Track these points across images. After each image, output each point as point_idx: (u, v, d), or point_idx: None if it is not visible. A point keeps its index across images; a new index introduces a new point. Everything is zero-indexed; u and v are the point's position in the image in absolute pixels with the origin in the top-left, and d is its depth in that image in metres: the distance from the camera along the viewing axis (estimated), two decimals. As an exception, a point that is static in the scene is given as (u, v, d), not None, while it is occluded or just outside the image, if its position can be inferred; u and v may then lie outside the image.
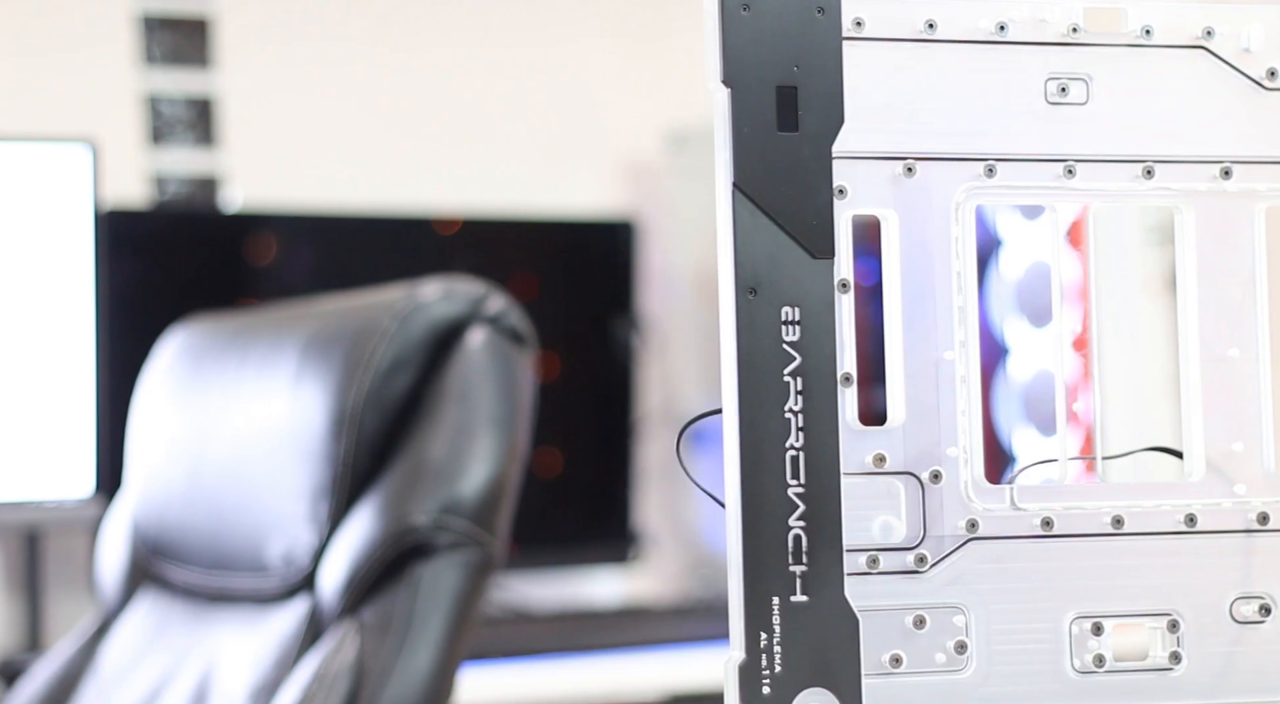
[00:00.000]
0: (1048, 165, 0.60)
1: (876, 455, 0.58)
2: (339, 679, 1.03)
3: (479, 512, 1.06)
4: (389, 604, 1.05)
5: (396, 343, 1.10)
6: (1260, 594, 0.61)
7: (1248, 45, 0.62)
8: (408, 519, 1.06)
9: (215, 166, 2.36)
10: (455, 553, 1.05)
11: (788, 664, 0.56)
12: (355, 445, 1.09)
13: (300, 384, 1.14)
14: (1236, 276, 0.62)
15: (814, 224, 0.57)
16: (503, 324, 1.12)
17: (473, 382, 1.09)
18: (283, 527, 1.13)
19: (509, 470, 1.08)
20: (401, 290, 1.14)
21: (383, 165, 2.38)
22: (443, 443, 1.08)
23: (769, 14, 0.57)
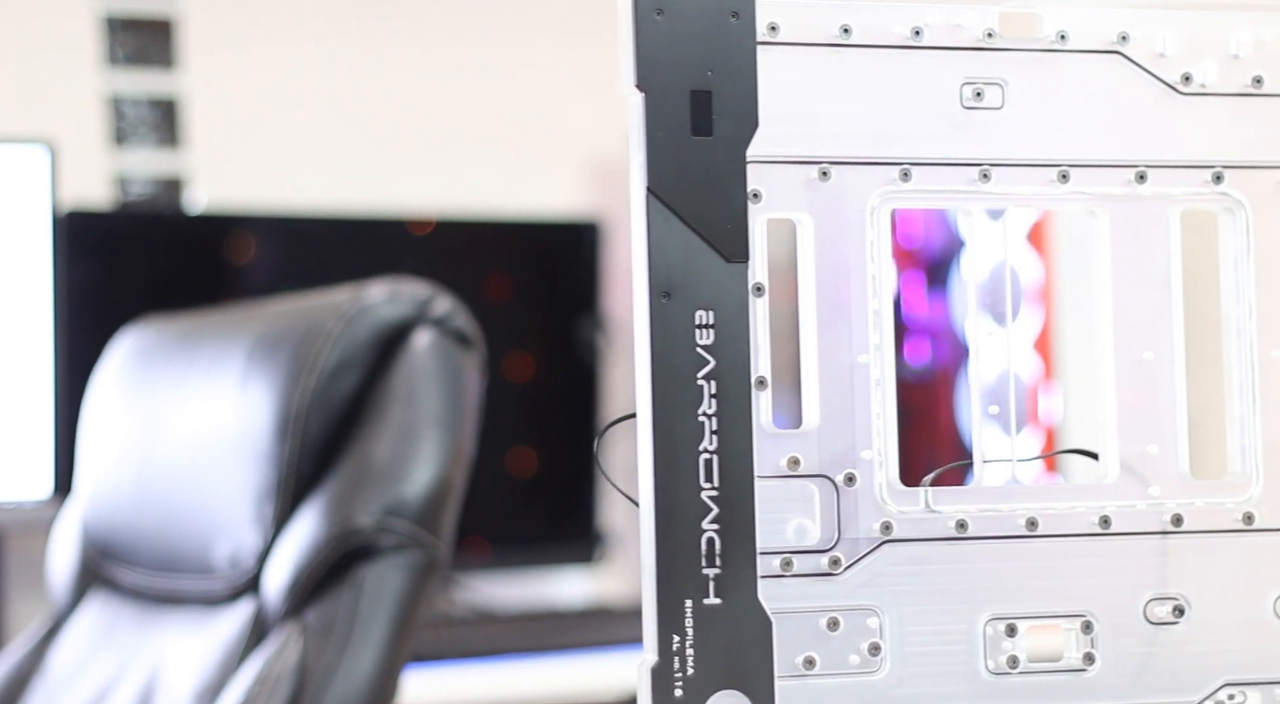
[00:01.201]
0: (963, 169, 0.60)
1: (791, 458, 0.58)
2: (281, 681, 1.03)
3: (423, 513, 1.06)
4: (332, 606, 1.05)
5: (341, 345, 1.10)
6: (1174, 595, 0.61)
7: (1162, 50, 0.62)
8: (351, 521, 1.06)
9: (179, 167, 2.35)
10: (399, 555, 1.05)
11: (700, 667, 0.56)
12: (300, 447, 1.09)
13: (246, 386, 1.14)
14: (1151, 280, 0.62)
15: (728, 228, 0.57)
16: (448, 326, 1.12)
17: (418, 383, 1.09)
18: (228, 529, 1.13)
19: (454, 472, 1.08)
20: (347, 292, 1.14)
21: (352, 166, 2.38)
22: (387, 445, 1.08)
23: (683, 18, 0.57)
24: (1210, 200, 0.63)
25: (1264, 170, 0.63)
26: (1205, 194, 0.62)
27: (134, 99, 2.36)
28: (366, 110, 2.37)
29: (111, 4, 2.32)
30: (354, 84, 2.38)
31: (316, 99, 2.37)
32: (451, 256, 2.30)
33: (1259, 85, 0.63)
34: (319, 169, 2.37)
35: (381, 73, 2.38)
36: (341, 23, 2.40)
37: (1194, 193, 0.62)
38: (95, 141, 2.27)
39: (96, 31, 2.31)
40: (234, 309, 1.27)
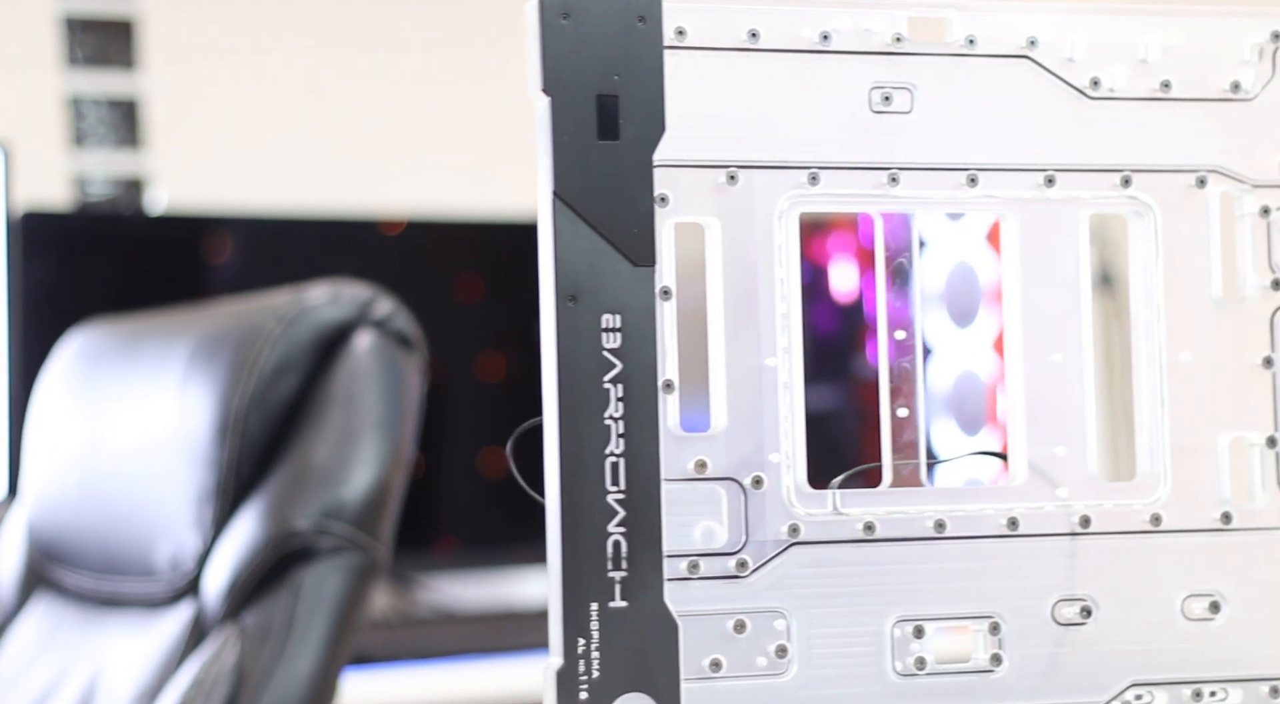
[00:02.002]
0: (871, 173, 0.61)
1: (698, 461, 0.58)
2: (218, 684, 1.03)
3: (362, 516, 1.06)
4: (270, 609, 1.05)
5: (281, 347, 1.10)
6: (1082, 596, 0.62)
7: (1071, 54, 0.62)
8: (289, 523, 1.05)
9: (140, 168, 2.35)
10: (337, 557, 1.05)
11: (606, 669, 0.56)
12: (239, 449, 1.09)
13: (187, 388, 1.13)
14: (1060, 282, 0.62)
15: (635, 232, 0.57)
16: (390, 328, 1.12)
17: (358, 385, 1.09)
18: (169, 531, 1.13)
19: (394, 474, 1.08)
20: (288, 294, 1.14)
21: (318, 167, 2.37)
22: (327, 447, 1.08)
23: (589, 22, 0.57)
24: (1119, 204, 0.63)
25: (1172, 174, 0.63)
26: (1114, 197, 0.63)
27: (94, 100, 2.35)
28: (332, 111, 2.37)
29: (71, 4, 2.31)
30: (319, 84, 2.38)
31: (280, 100, 2.37)
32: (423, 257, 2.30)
33: (1167, 89, 0.63)
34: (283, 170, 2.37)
35: (349, 73, 2.37)
36: (305, 23, 2.40)
37: (1102, 196, 0.63)
38: (54, 142, 2.27)
39: (56, 32, 2.30)
40: (178, 310, 1.26)
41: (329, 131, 2.37)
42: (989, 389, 2.67)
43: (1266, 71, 0.64)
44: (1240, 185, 0.64)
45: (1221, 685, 0.62)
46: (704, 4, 0.59)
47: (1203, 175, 0.63)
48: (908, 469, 0.61)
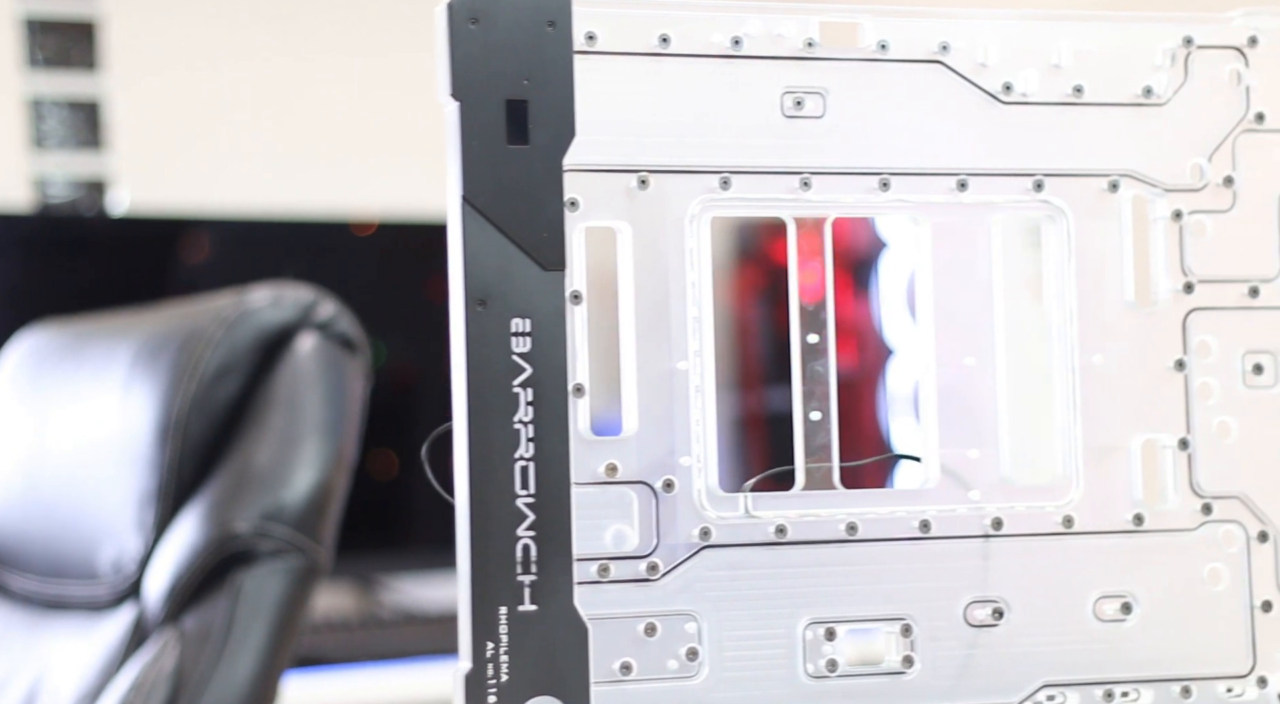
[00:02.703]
0: (784, 177, 0.61)
1: (609, 465, 0.59)
2: (156, 687, 1.02)
3: (303, 518, 1.06)
4: (210, 612, 1.04)
5: (223, 349, 1.10)
6: (994, 598, 0.62)
7: (984, 59, 0.63)
8: (230, 526, 1.05)
9: (102, 170, 2.34)
10: (278, 560, 1.05)
11: (515, 673, 0.56)
12: (180, 452, 1.09)
13: (129, 390, 1.13)
14: (973, 286, 0.63)
15: (545, 236, 0.58)
16: (332, 330, 1.12)
17: (300, 388, 1.09)
18: (112, 534, 1.12)
19: (336, 477, 1.08)
20: (231, 297, 1.13)
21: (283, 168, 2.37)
22: (268, 450, 1.08)
23: (498, 28, 0.57)
24: (1031, 208, 0.63)
25: (1084, 178, 0.64)
26: (1026, 201, 0.63)
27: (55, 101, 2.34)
28: (299, 112, 2.37)
29: (32, 6, 2.30)
30: (284, 85, 2.37)
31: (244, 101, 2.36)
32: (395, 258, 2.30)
33: (1079, 94, 0.63)
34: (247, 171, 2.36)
35: (316, 74, 2.37)
36: (269, 23, 2.39)
37: (1015, 200, 0.63)
38: (15, 144, 2.26)
39: (17, 34, 2.29)
40: (125, 312, 1.26)
41: (295, 133, 2.37)
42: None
43: (1179, 77, 0.64)
44: (1153, 189, 0.64)
45: (1133, 686, 0.63)
46: (615, 9, 0.59)
47: (1115, 180, 0.64)
48: (820, 472, 0.61)
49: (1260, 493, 0.64)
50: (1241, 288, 0.65)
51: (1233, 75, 0.65)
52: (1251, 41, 0.65)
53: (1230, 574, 0.64)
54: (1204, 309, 0.64)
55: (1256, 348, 0.65)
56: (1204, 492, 0.64)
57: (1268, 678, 0.64)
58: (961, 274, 0.63)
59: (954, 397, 0.62)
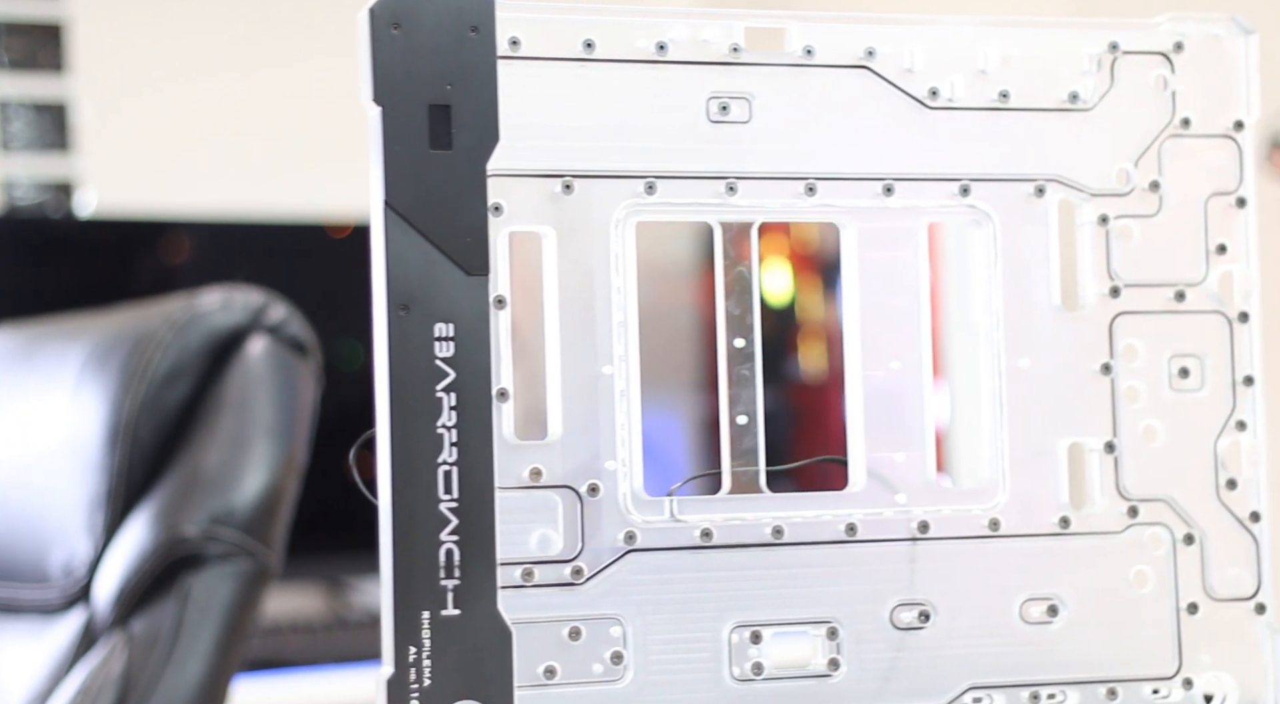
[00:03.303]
0: (709, 182, 0.61)
1: (533, 469, 0.59)
2: (104, 692, 1.02)
3: (252, 522, 1.06)
4: (158, 616, 1.04)
5: (173, 353, 1.10)
6: (920, 601, 0.62)
7: (910, 65, 0.63)
8: (178, 529, 1.05)
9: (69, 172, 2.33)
10: (226, 564, 1.05)
11: (437, 678, 0.56)
12: (130, 456, 1.09)
13: (79, 393, 1.13)
14: (899, 290, 0.63)
15: (468, 241, 0.58)
16: (283, 333, 1.11)
17: (250, 391, 1.09)
18: (62, 537, 1.12)
19: (286, 481, 1.08)
20: (181, 300, 1.13)
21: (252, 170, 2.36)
22: (217, 453, 1.07)
23: (421, 33, 0.57)
24: (958, 212, 0.64)
25: (1011, 183, 0.64)
26: (953, 206, 0.64)
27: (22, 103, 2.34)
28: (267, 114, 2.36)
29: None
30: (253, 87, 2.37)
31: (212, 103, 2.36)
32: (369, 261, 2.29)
33: (1006, 99, 0.64)
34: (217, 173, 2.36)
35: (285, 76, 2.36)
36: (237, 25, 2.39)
37: (941, 205, 0.63)
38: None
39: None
40: (78, 315, 1.26)
41: (265, 135, 2.36)
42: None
43: (1105, 82, 0.65)
44: (1079, 194, 0.65)
45: (1060, 688, 0.63)
46: (538, 14, 0.59)
47: (1041, 184, 0.64)
48: (747, 476, 0.61)
49: (1186, 496, 0.65)
50: (1168, 292, 0.65)
51: (1159, 81, 0.65)
52: (1177, 47, 0.65)
53: (1156, 576, 0.64)
54: (1130, 313, 0.65)
55: (1183, 352, 0.65)
56: (1130, 494, 0.64)
57: (1193, 679, 0.64)
58: (889, 278, 0.63)
59: (881, 400, 0.63)
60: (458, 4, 0.58)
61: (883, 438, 0.62)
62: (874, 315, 0.63)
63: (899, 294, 0.63)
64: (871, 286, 0.63)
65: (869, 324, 0.63)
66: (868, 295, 0.63)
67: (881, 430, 0.62)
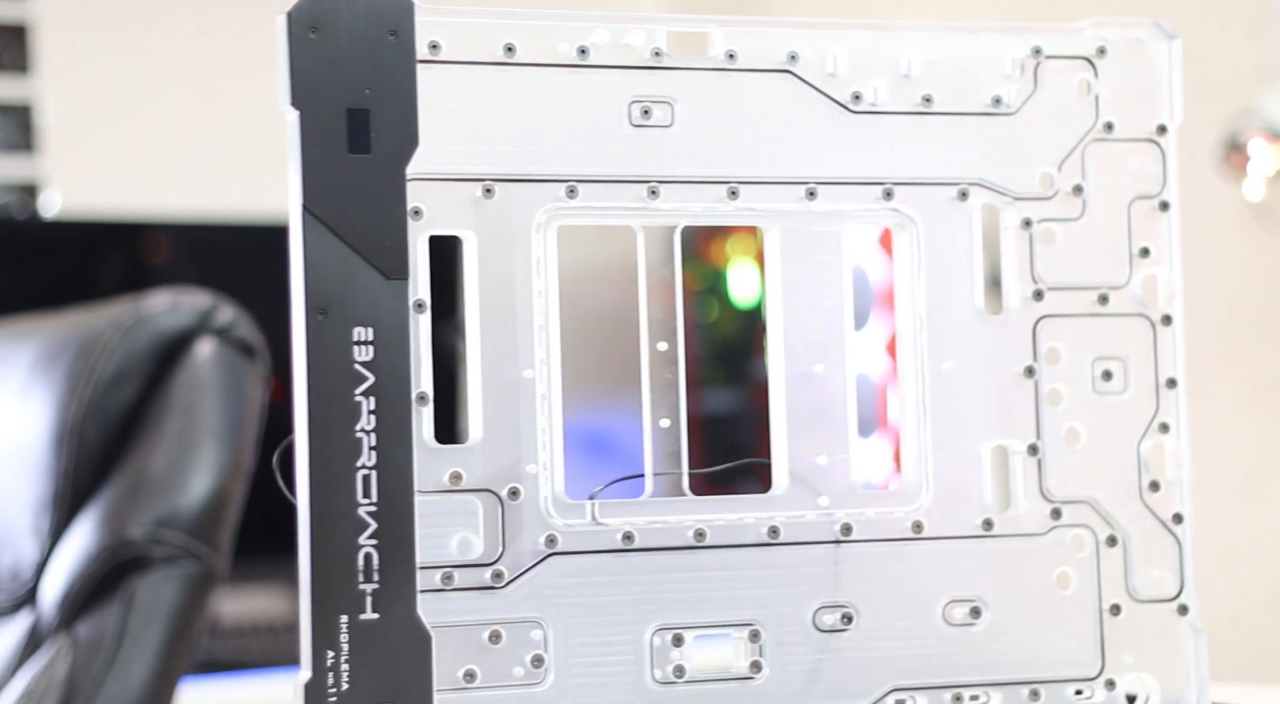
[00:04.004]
0: (631, 186, 0.61)
1: (453, 473, 0.59)
2: (48, 695, 1.02)
3: (198, 525, 1.05)
4: (103, 618, 1.04)
5: (119, 355, 1.10)
6: (843, 603, 0.62)
7: (833, 69, 0.63)
8: (123, 532, 1.05)
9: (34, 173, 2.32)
10: (172, 566, 1.05)
11: (355, 682, 0.57)
12: (76, 458, 1.08)
13: (26, 396, 1.13)
14: (822, 294, 0.63)
15: (387, 245, 0.58)
16: (231, 336, 1.11)
17: (197, 394, 1.09)
18: (9, 541, 1.12)
19: (232, 484, 1.08)
20: (129, 302, 1.13)
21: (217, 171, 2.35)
22: (164, 456, 1.07)
23: (339, 37, 0.57)
24: (881, 216, 0.64)
25: (933, 186, 0.64)
26: (876, 210, 0.64)
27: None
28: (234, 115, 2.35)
29: (-38, 8, 2.29)
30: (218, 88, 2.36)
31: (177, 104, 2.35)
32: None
33: (929, 104, 0.64)
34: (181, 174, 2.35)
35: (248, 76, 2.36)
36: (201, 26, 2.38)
37: (865, 209, 0.64)
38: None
39: (-54, 36, 2.28)
40: (26, 317, 1.25)
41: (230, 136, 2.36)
42: (880, 391, 2.68)
43: (1028, 86, 0.65)
44: (1002, 198, 0.65)
45: (982, 689, 0.63)
46: (458, 19, 0.59)
47: (965, 188, 0.64)
48: (670, 479, 0.62)
49: (1109, 497, 0.65)
50: (1091, 295, 0.65)
51: (1082, 85, 0.66)
52: (1100, 52, 0.66)
53: (1079, 578, 0.65)
54: (1054, 316, 0.65)
55: (1106, 354, 0.65)
56: (1053, 497, 0.65)
57: (1116, 680, 0.65)
58: (812, 281, 0.63)
59: (804, 403, 0.63)
60: (376, 8, 0.58)
61: (807, 441, 0.63)
62: (798, 319, 0.63)
63: (823, 297, 0.63)
64: (795, 290, 0.63)
65: (793, 327, 0.63)
66: (791, 299, 0.63)
67: (805, 434, 0.63)
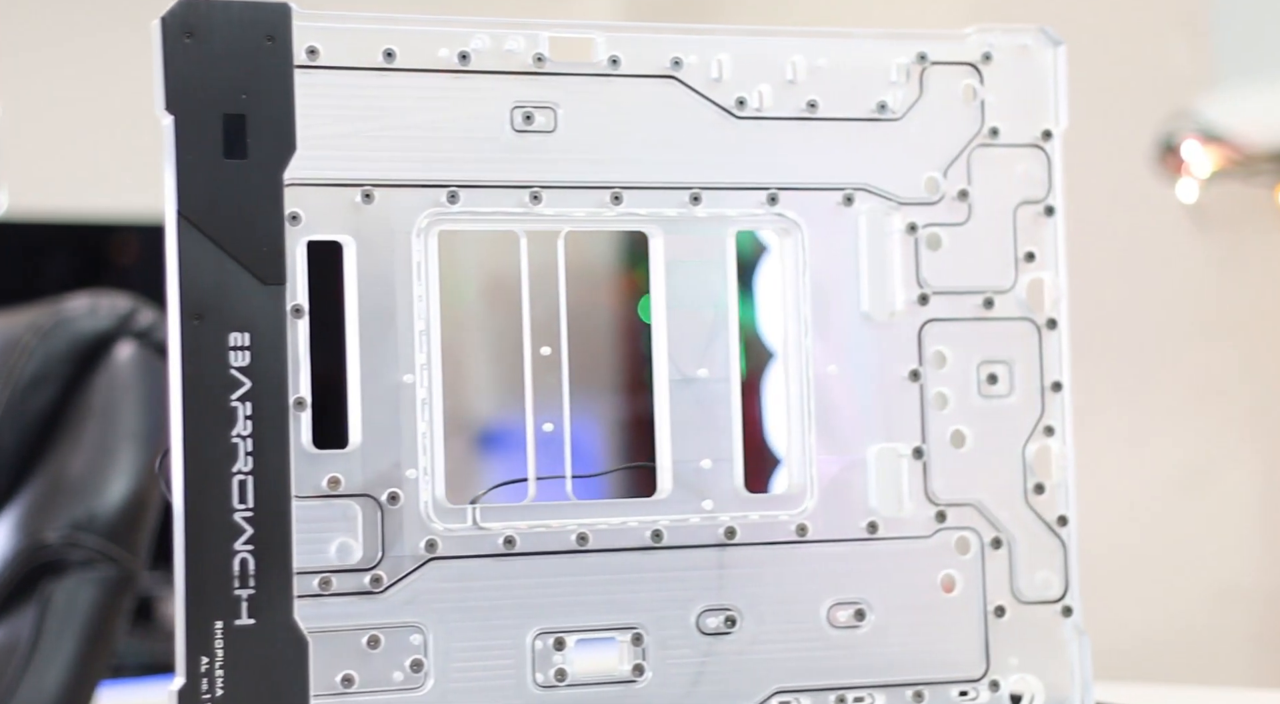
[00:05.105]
0: (514, 191, 0.61)
1: (331, 478, 0.59)
2: (-39, 700, 1.01)
3: (115, 528, 1.05)
4: (18, 622, 1.03)
5: (37, 358, 1.09)
6: (727, 606, 0.63)
7: (717, 75, 0.63)
8: (39, 536, 1.05)
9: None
10: (89, 570, 1.05)
11: (230, 688, 0.56)
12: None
13: (-55, 400, 1.12)
14: (707, 298, 0.63)
15: (264, 251, 0.58)
16: (151, 339, 1.11)
17: (116, 397, 1.08)
18: (-72, 545, 1.11)
19: (151, 487, 1.07)
20: (48, 305, 1.12)
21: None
22: (82, 459, 1.07)
23: (214, 42, 0.57)
24: (766, 221, 0.64)
25: (818, 192, 0.64)
26: (761, 215, 0.64)
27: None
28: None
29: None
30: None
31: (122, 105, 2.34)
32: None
33: (814, 109, 0.64)
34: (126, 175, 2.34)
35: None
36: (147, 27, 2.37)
37: (749, 214, 0.64)
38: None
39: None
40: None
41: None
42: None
43: (913, 92, 0.65)
44: (888, 203, 0.65)
45: (867, 691, 0.64)
46: (337, 24, 0.59)
47: (850, 193, 0.65)
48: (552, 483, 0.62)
49: (994, 500, 0.65)
50: (976, 299, 0.66)
51: (968, 91, 0.66)
52: (985, 58, 0.66)
53: (964, 580, 0.65)
54: (939, 320, 0.65)
55: (991, 358, 0.66)
56: (939, 499, 0.65)
57: (1000, 681, 0.65)
58: (695, 286, 0.63)
59: (689, 407, 0.63)
60: (253, 13, 0.58)
61: (689, 445, 0.63)
62: (683, 323, 0.63)
63: (708, 302, 0.63)
64: (680, 295, 0.63)
65: (678, 332, 0.63)
66: (676, 303, 0.63)
67: (688, 438, 0.63)
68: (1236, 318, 1.90)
